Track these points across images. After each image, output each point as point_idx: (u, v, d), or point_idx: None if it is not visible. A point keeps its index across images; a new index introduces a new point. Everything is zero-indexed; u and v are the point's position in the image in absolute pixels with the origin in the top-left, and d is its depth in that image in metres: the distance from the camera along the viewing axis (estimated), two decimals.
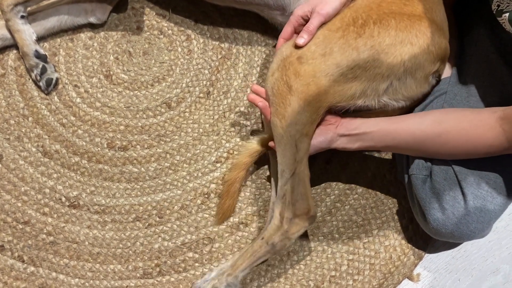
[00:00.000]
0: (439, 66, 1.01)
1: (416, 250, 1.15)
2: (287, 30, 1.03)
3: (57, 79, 1.24)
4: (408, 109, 1.06)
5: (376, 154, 1.21)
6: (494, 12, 0.98)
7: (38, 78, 1.22)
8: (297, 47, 0.98)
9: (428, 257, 1.15)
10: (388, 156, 1.21)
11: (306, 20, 1.01)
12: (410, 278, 1.14)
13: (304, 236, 1.15)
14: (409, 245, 1.15)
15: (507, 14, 0.94)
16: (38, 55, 1.21)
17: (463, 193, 0.99)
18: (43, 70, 1.21)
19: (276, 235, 1.00)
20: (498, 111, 0.90)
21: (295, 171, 0.96)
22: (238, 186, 1.14)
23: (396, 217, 1.17)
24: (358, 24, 0.97)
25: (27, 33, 1.20)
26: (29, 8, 1.21)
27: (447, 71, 1.09)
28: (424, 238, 1.14)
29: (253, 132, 1.22)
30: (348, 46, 0.95)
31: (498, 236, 1.17)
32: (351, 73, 0.95)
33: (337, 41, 0.96)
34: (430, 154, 1.01)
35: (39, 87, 1.23)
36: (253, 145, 1.11)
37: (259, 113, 1.24)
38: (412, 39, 0.96)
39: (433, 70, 1.00)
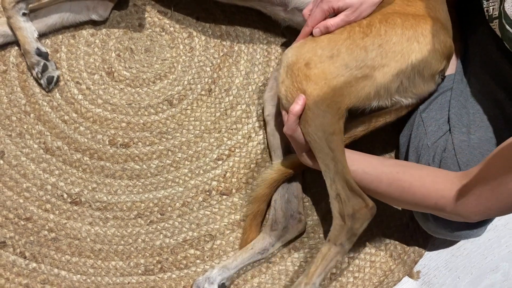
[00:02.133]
0: (445, 65, 1.02)
1: (416, 248, 1.15)
2: (316, 18, 1.00)
3: (58, 77, 1.24)
4: (414, 107, 1.06)
5: (378, 152, 1.21)
6: (487, 18, 0.98)
7: (39, 76, 1.22)
8: (303, 52, 0.97)
9: (428, 255, 1.16)
10: (389, 153, 1.21)
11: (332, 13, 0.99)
12: (410, 275, 1.14)
13: (305, 233, 1.15)
14: (410, 243, 1.15)
15: (497, 20, 0.94)
16: (39, 53, 1.21)
17: None
18: (44, 68, 1.21)
19: (341, 234, 0.97)
20: (459, 172, 0.91)
21: (337, 170, 0.94)
22: (260, 220, 1.13)
23: (396, 215, 1.17)
24: (363, 24, 0.97)
25: (28, 30, 1.20)
26: (30, 5, 1.21)
27: (451, 69, 1.10)
28: (424, 236, 1.15)
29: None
30: (355, 46, 0.95)
31: (497, 234, 1.18)
32: (361, 73, 0.94)
33: (344, 42, 0.96)
34: (380, 193, 0.98)
35: (40, 84, 1.23)
36: (271, 175, 1.10)
37: (260, 111, 1.24)
38: (419, 37, 0.96)
39: (440, 68, 1.00)
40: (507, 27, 0.91)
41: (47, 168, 1.18)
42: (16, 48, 1.26)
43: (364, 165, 0.96)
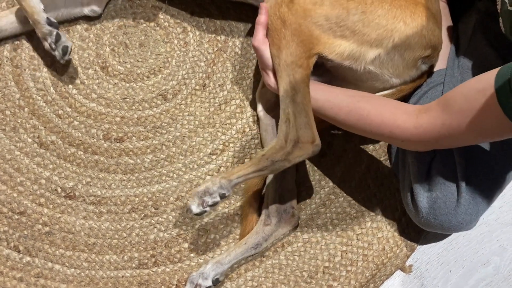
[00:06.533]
0: (430, 53, 1.02)
1: (409, 242, 1.16)
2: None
3: (71, 48, 1.18)
4: (400, 95, 1.07)
5: (371, 147, 1.22)
6: (498, 10, 0.98)
7: (53, 46, 1.15)
8: None
9: (420, 249, 1.17)
10: (382, 149, 1.22)
11: None
12: (403, 269, 1.15)
13: (299, 227, 1.16)
14: (402, 237, 1.16)
15: None
16: (50, 23, 1.15)
17: (457, 185, 1.00)
18: (58, 38, 1.15)
19: (278, 154, 0.98)
20: (418, 105, 0.93)
21: (294, 98, 0.97)
22: (256, 207, 1.14)
23: (389, 209, 1.18)
24: None
25: (34, 0, 1.14)
26: None
27: (442, 63, 1.10)
28: (417, 230, 1.16)
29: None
30: (339, 4, 0.97)
31: (489, 228, 1.19)
32: (340, 31, 0.97)
33: None
34: (338, 121, 1.00)
35: (54, 56, 1.18)
36: None
37: (254, 105, 1.24)
38: (406, 18, 0.97)
39: (423, 55, 1.01)
40: None
41: (41, 162, 1.18)
42: (10, 42, 1.26)
43: (327, 94, 0.99)
